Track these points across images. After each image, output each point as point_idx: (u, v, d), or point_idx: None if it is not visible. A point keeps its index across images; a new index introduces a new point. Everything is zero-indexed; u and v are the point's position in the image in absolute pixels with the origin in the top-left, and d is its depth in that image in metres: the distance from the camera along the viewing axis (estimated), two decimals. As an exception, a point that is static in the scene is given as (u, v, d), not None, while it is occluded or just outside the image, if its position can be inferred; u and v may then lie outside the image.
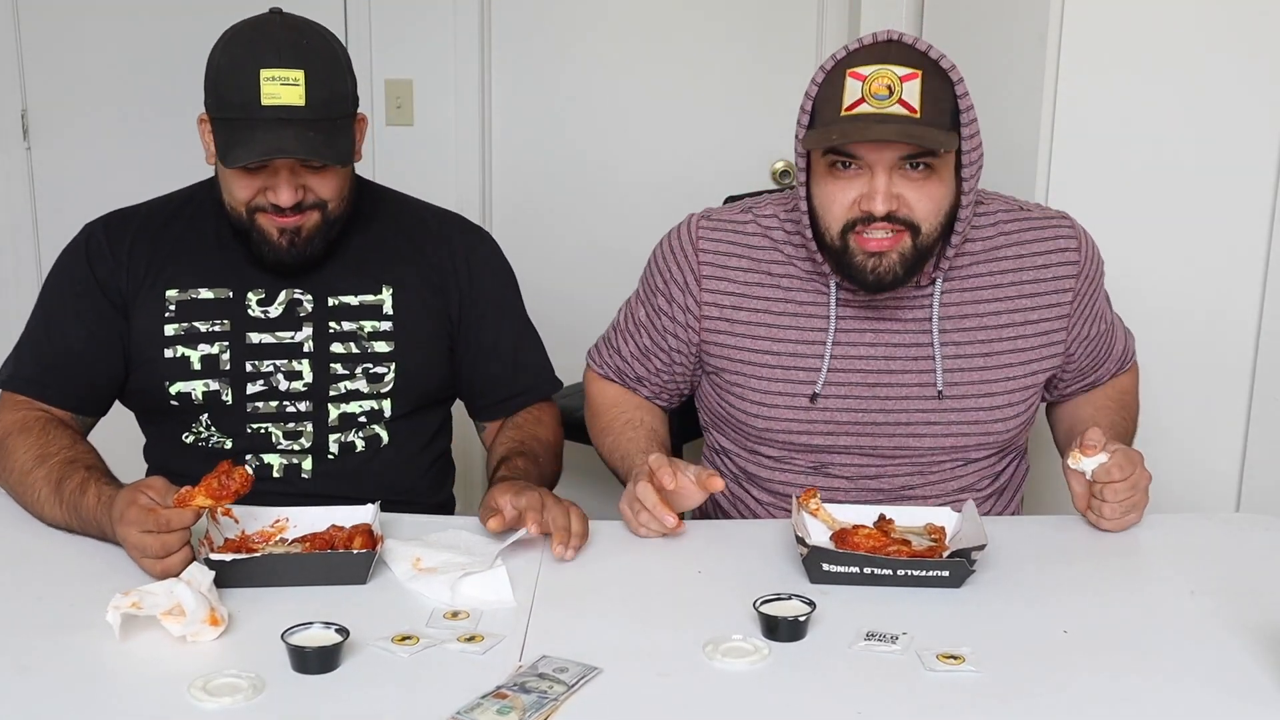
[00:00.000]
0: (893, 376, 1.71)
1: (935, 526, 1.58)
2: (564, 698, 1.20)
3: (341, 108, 1.66)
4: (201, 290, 1.74)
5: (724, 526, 1.80)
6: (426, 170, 3.34)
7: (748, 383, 1.74)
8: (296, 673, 1.25)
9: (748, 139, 3.36)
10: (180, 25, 3.26)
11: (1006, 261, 1.73)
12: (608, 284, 3.38)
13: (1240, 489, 2.48)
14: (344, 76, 1.68)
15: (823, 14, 3.28)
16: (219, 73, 1.63)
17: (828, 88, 1.55)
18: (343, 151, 1.65)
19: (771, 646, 1.32)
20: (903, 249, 1.58)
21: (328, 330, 1.76)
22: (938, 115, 1.53)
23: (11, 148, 3.32)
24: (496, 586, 1.44)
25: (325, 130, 1.62)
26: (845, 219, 1.58)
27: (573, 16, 3.35)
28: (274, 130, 1.59)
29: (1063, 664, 1.29)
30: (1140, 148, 2.37)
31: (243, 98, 1.59)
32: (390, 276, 1.79)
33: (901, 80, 1.51)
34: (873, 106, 1.51)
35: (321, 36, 1.68)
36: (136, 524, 1.41)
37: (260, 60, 1.60)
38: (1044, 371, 1.76)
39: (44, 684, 1.23)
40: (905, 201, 1.56)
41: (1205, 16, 2.31)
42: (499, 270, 1.89)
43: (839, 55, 1.57)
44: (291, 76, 1.59)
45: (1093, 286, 1.78)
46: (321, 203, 1.68)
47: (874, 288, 1.62)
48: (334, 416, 1.77)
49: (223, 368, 1.73)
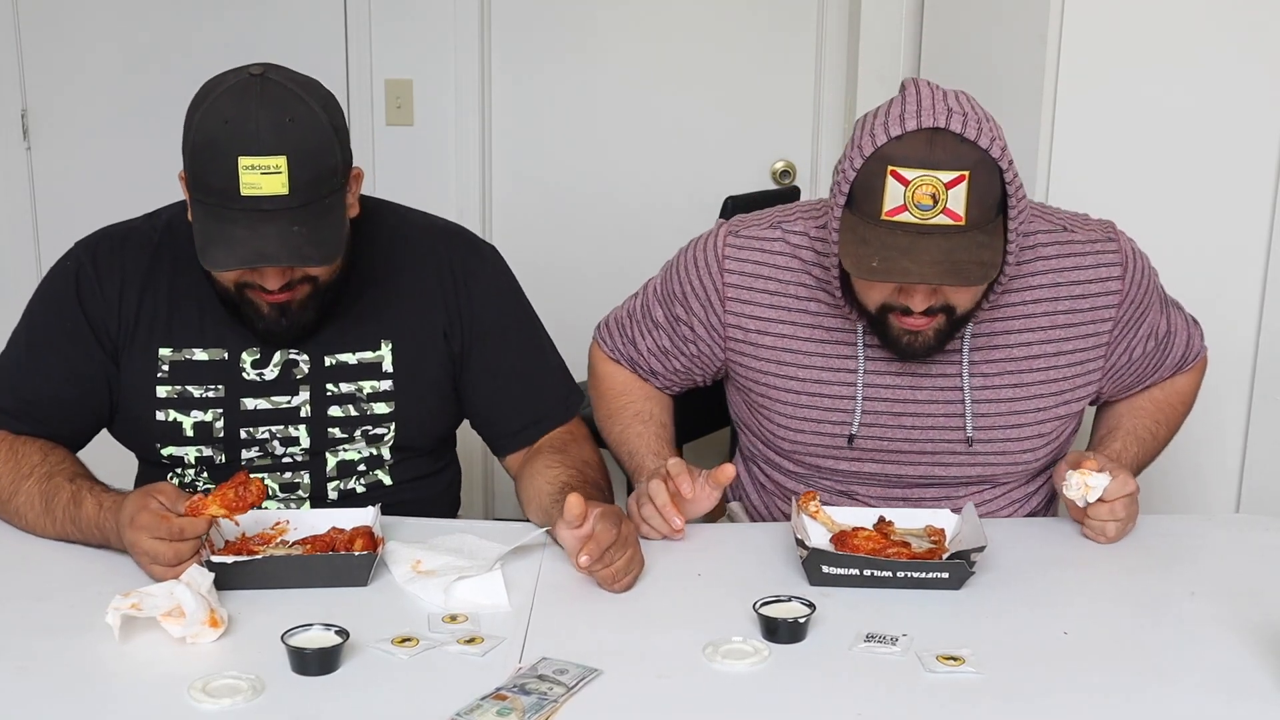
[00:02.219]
0: (919, 407, 1.67)
1: (935, 528, 1.58)
2: (564, 699, 1.20)
3: (330, 184, 1.52)
4: (196, 351, 1.65)
5: (724, 529, 1.80)
6: (426, 170, 3.34)
7: (775, 406, 1.72)
8: (296, 674, 1.25)
9: (748, 139, 3.36)
10: (180, 25, 3.27)
11: (1042, 290, 1.66)
12: (608, 283, 3.37)
13: (1240, 489, 2.48)
14: (333, 151, 1.52)
15: (823, 14, 3.28)
16: (195, 151, 1.50)
17: (866, 174, 1.47)
18: (331, 244, 1.53)
19: (771, 648, 1.32)
20: (939, 326, 1.56)
21: (325, 394, 1.68)
22: (983, 216, 1.46)
23: (11, 148, 3.31)
24: (491, 590, 1.44)
25: (311, 218, 1.50)
26: (881, 303, 1.55)
27: (573, 16, 3.35)
28: (254, 227, 1.47)
29: (1063, 665, 1.29)
30: (1140, 147, 2.37)
31: (221, 185, 1.47)
32: (389, 328, 1.70)
33: (947, 187, 1.43)
34: (915, 216, 1.44)
35: (308, 107, 1.51)
36: (148, 530, 1.40)
37: (238, 146, 1.46)
38: (1078, 401, 1.71)
39: (44, 685, 1.24)
40: (942, 294, 1.52)
41: (1205, 16, 2.31)
42: (501, 290, 1.77)
43: (878, 137, 1.46)
44: (273, 164, 1.46)
45: (1138, 309, 1.70)
46: (312, 277, 1.58)
47: (907, 358, 1.62)
48: (331, 465, 1.71)
49: (216, 435, 1.66)
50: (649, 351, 1.81)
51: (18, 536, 1.59)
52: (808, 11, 3.29)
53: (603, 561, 1.43)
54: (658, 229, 1.96)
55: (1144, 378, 1.78)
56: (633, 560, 1.47)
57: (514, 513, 3.17)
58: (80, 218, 1.81)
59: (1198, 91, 2.33)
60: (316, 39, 3.23)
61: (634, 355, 1.83)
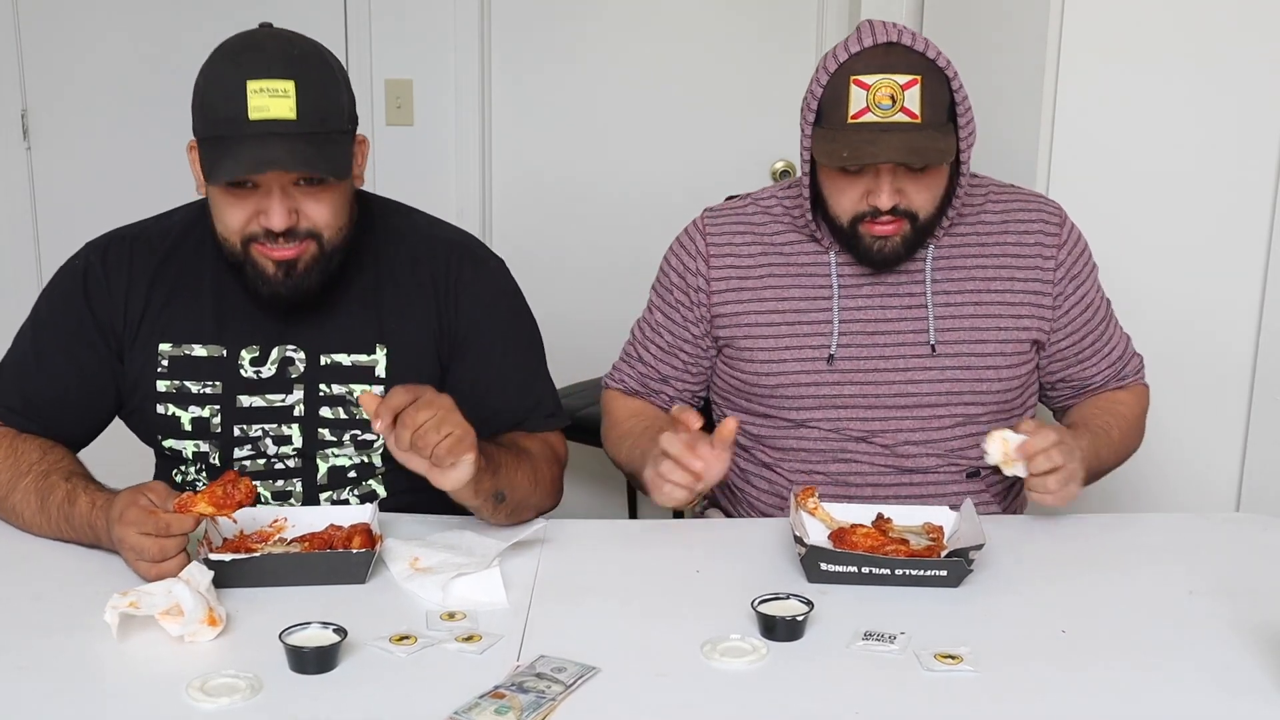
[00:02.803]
0: (890, 325, 1.78)
1: (933, 526, 1.58)
2: (562, 697, 1.20)
3: (337, 121, 1.55)
4: (195, 347, 1.67)
5: (722, 526, 1.81)
6: (426, 170, 3.34)
7: (757, 344, 1.80)
8: (294, 673, 1.25)
9: (748, 139, 3.36)
10: (180, 25, 3.27)
11: (993, 227, 1.82)
12: (608, 282, 3.39)
13: (1240, 489, 2.48)
14: (339, 89, 1.57)
15: (823, 14, 3.28)
16: (205, 90, 1.53)
17: (831, 91, 1.66)
18: (338, 164, 1.54)
19: (769, 646, 1.32)
20: (904, 233, 1.71)
21: (318, 394, 1.68)
22: (936, 117, 1.65)
23: (11, 148, 3.32)
24: (489, 587, 1.43)
25: (318, 142, 1.52)
26: (854, 212, 1.71)
27: (573, 16, 3.35)
28: (262, 144, 1.49)
29: (1061, 664, 1.29)
30: (1140, 147, 2.37)
31: (229, 112, 1.49)
32: (385, 333, 1.69)
33: (903, 88, 1.62)
34: (877, 116, 1.62)
35: (315, 47, 1.58)
36: (135, 525, 1.41)
37: (247, 72, 1.49)
38: (1033, 330, 1.79)
39: (42, 684, 1.23)
40: (906, 194, 1.68)
41: (1205, 16, 2.31)
42: (491, 302, 1.75)
43: (840, 56, 1.66)
44: (280, 87, 1.49)
45: (1077, 266, 1.83)
46: (316, 233, 1.57)
47: (879, 266, 1.75)
48: (322, 472, 1.71)
49: (213, 431, 1.67)
50: (655, 358, 1.89)
51: (16, 536, 1.59)
52: (808, 11, 3.30)
53: (402, 423, 1.41)
54: (657, 229, 1.95)
55: (1086, 357, 1.86)
56: (443, 422, 1.42)
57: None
58: (80, 218, 1.82)
59: (1198, 91, 2.33)
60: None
61: (642, 371, 1.91)
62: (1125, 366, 1.90)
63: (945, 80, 1.66)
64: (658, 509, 3.39)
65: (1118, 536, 1.70)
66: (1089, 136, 2.37)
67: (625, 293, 1.92)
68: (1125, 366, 1.90)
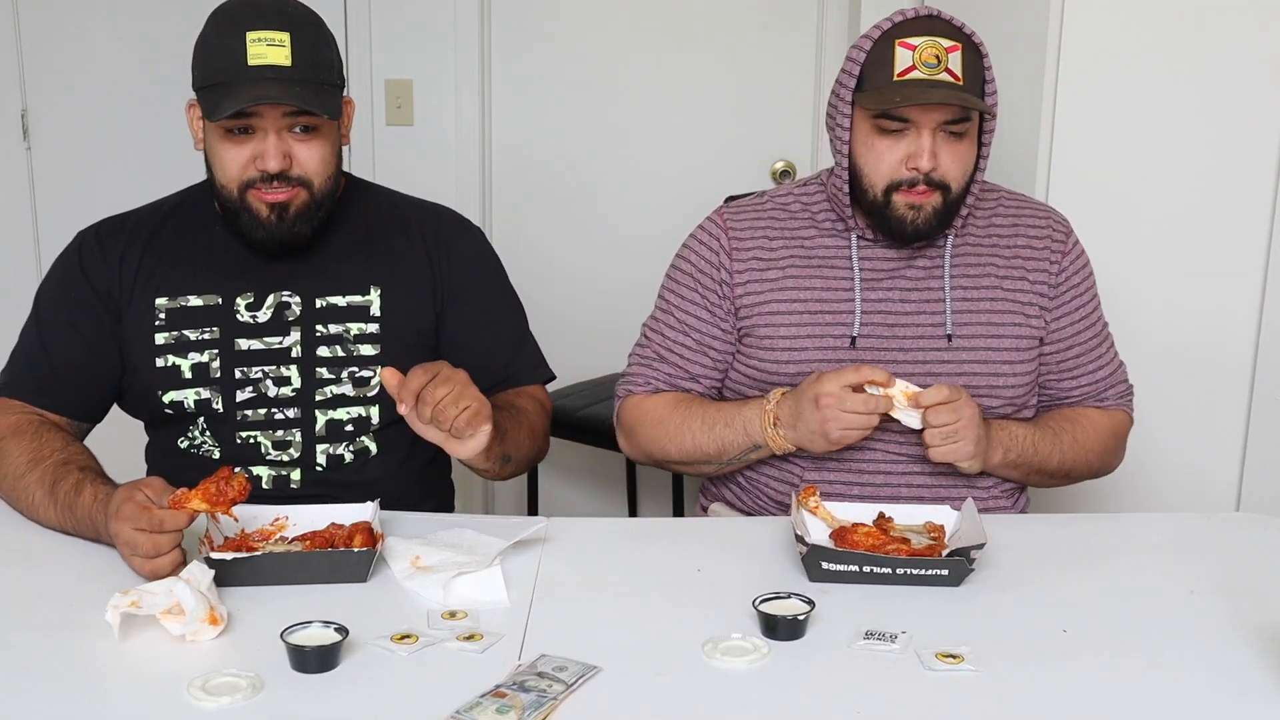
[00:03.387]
0: (909, 316, 1.79)
1: (934, 525, 1.58)
2: (563, 696, 1.20)
3: (329, 75, 1.68)
4: (190, 298, 1.74)
5: (723, 525, 1.80)
6: (426, 170, 3.34)
7: (777, 332, 1.80)
8: (296, 672, 1.25)
9: (748, 139, 3.36)
10: (180, 25, 3.26)
11: (1004, 230, 1.85)
12: (609, 282, 3.39)
13: (1240, 489, 2.48)
14: (330, 48, 1.70)
15: (823, 15, 3.28)
16: (204, 45, 1.66)
17: (876, 55, 1.70)
18: (330, 106, 1.65)
19: (771, 645, 1.32)
20: (935, 203, 1.72)
21: (315, 334, 1.75)
22: (973, 84, 1.70)
23: (11, 148, 3.32)
24: (490, 586, 1.44)
25: (312, 87, 1.63)
26: (891, 178, 1.72)
27: (572, 16, 3.35)
28: (260, 85, 1.60)
29: (1062, 663, 1.29)
30: (1140, 148, 2.37)
31: (229, 60, 1.61)
32: (378, 275, 1.79)
33: (947, 51, 1.67)
34: (924, 73, 1.66)
35: (308, 9, 1.70)
36: (130, 520, 1.41)
37: (246, 24, 1.61)
38: (1039, 330, 1.82)
39: (43, 683, 1.23)
40: (941, 162, 1.71)
41: (1205, 18, 2.31)
42: (480, 260, 1.88)
43: (883, 26, 1.71)
44: (277, 38, 1.61)
45: (1076, 279, 1.85)
46: (307, 180, 1.67)
47: (910, 238, 1.75)
48: (320, 425, 1.76)
49: (213, 375, 1.73)
50: (684, 358, 1.86)
51: (17, 535, 1.59)
52: (808, 11, 3.30)
53: (423, 400, 1.49)
54: (657, 229, 1.96)
55: (1065, 371, 1.86)
56: (460, 396, 1.51)
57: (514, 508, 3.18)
58: (80, 218, 1.84)
59: (1198, 91, 2.33)
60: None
61: (670, 372, 1.87)
62: (1107, 390, 1.89)
63: (980, 57, 1.71)
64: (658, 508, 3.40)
65: (1118, 536, 1.71)
66: (1089, 137, 2.37)
67: (626, 292, 1.92)
68: (1107, 390, 1.89)
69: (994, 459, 1.74)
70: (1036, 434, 1.79)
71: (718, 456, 1.79)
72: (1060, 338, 1.84)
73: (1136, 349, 1.96)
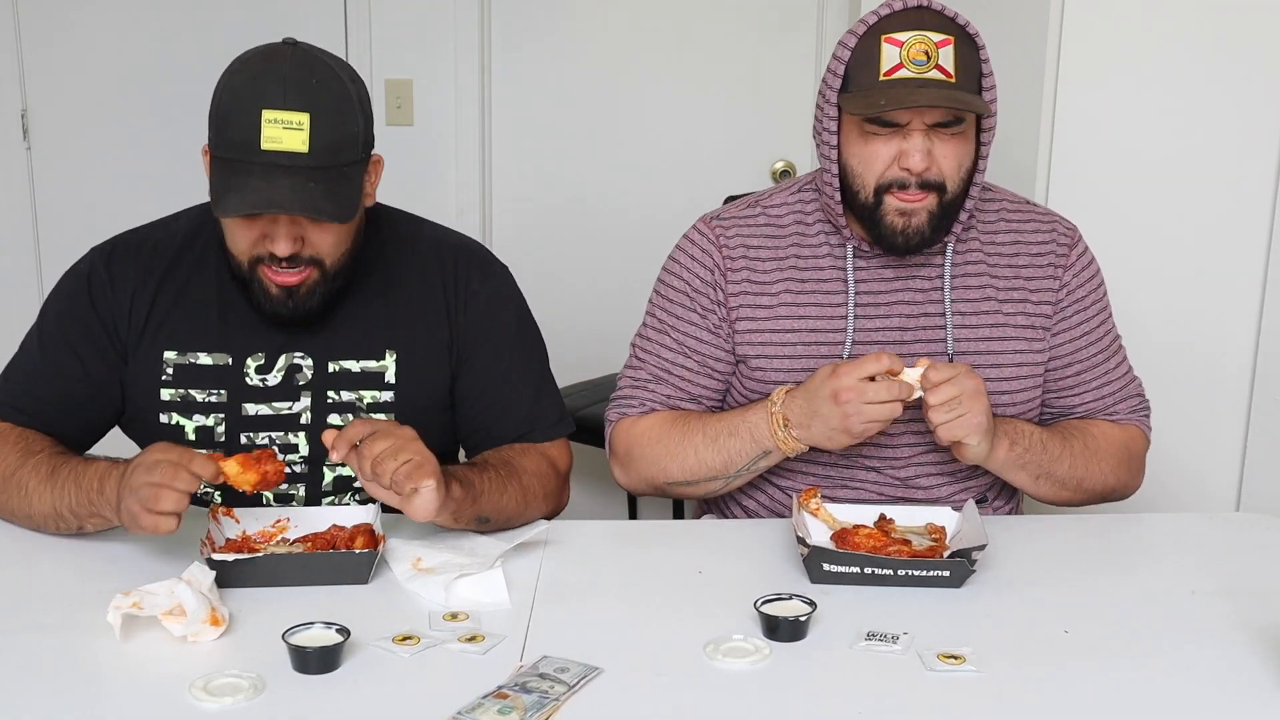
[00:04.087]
0: (907, 335, 1.72)
1: (936, 526, 1.58)
2: (565, 698, 1.20)
3: (350, 154, 1.54)
4: (200, 355, 1.66)
5: (724, 526, 1.80)
6: (426, 170, 3.34)
7: (770, 364, 1.72)
8: (297, 673, 1.25)
9: (748, 139, 3.36)
10: (181, 25, 3.27)
11: (1005, 244, 1.76)
12: (609, 282, 3.39)
13: (1240, 489, 2.48)
14: (355, 119, 1.55)
15: (823, 15, 3.28)
16: (222, 107, 1.52)
17: (861, 52, 1.60)
18: (345, 206, 1.53)
19: (772, 646, 1.32)
20: (930, 207, 1.63)
21: (326, 401, 1.67)
22: (968, 80, 1.59)
23: (11, 148, 3.32)
24: (491, 588, 1.44)
25: (328, 180, 1.51)
26: (881, 178, 1.62)
27: (573, 16, 3.35)
28: (270, 179, 1.48)
29: (1063, 664, 1.29)
30: (1140, 148, 2.37)
31: (243, 137, 1.49)
32: (395, 337, 1.69)
33: (937, 46, 1.56)
34: (912, 71, 1.56)
35: (335, 74, 1.55)
36: (151, 469, 1.39)
37: (263, 99, 1.49)
38: (1044, 352, 1.75)
39: (44, 684, 1.23)
40: (935, 161, 1.61)
41: (1205, 18, 2.31)
42: (498, 308, 1.75)
43: (869, 20, 1.60)
44: (295, 120, 1.48)
45: (1082, 291, 1.77)
46: (319, 259, 1.58)
47: (902, 249, 1.66)
48: (328, 480, 1.70)
49: (217, 440, 1.66)
50: (684, 380, 1.77)
51: (19, 535, 1.59)
52: (808, 11, 3.30)
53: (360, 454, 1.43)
54: (657, 228, 1.96)
55: (1068, 389, 1.78)
56: (401, 450, 1.43)
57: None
58: (80, 218, 1.83)
59: (1198, 91, 2.33)
60: (316, 39, 3.22)
61: (668, 394, 1.77)
62: (1117, 405, 1.80)
63: (975, 49, 1.61)
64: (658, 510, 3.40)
65: (1119, 536, 1.71)
66: (1089, 137, 2.37)
67: (626, 292, 1.91)
68: (1117, 405, 1.80)
69: (1001, 450, 1.64)
70: (1045, 434, 1.71)
71: (724, 470, 1.69)
72: (1060, 354, 1.76)
73: (1136, 349, 1.96)
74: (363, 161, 1.58)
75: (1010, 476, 1.71)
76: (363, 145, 1.57)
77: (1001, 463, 1.67)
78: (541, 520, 1.66)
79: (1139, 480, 1.83)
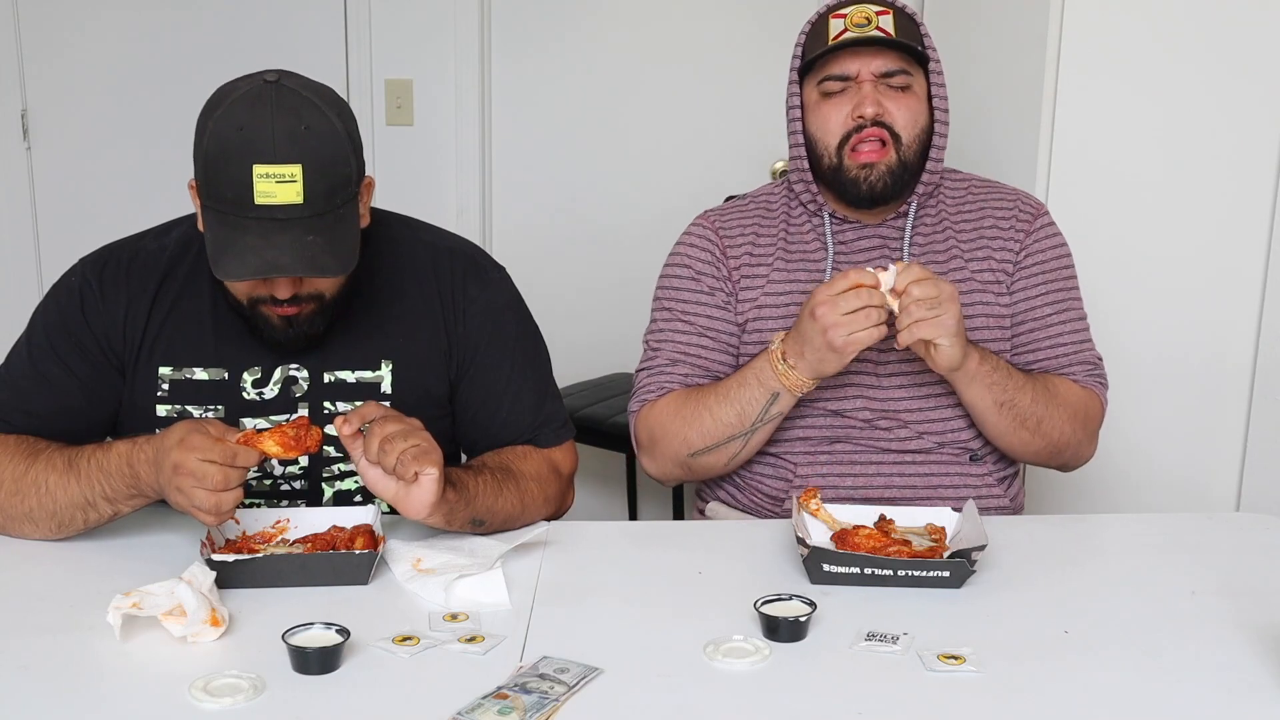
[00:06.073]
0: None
1: (936, 527, 1.58)
2: (565, 698, 1.20)
3: (344, 194, 1.50)
4: (196, 370, 1.65)
5: (724, 527, 1.80)
6: (426, 170, 3.34)
7: (770, 314, 1.82)
8: (297, 673, 1.25)
9: (748, 139, 3.36)
10: (181, 25, 3.27)
11: (970, 212, 1.88)
12: (609, 281, 3.39)
13: (1240, 489, 2.49)
14: (348, 160, 1.50)
15: (823, 14, 3.28)
16: (209, 157, 1.46)
17: (813, 33, 1.80)
18: (345, 255, 1.50)
19: (772, 647, 1.32)
20: (889, 161, 1.76)
21: (322, 412, 1.66)
22: (909, 39, 1.77)
23: (11, 148, 3.32)
24: (491, 588, 1.44)
25: (325, 227, 1.47)
26: (840, 133, 1.77)
27: (572, 16, 3.35)
28: (267, 236, 1.44)
29: (1064, 664, 1.29)
30: (1140, 148, 2.37)
31: (234, 194, 1.44)
32: (390, 347, 1.68)
33: (877, 14, 1.76)
34: (856, 33, 1.75)
35: (322, 114, 1.48)
36: (199, 451, 1.37)
37: (253, 154, 1.43)
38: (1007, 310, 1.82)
39: (44, 684, 1.23)
40: (888, 110, 1.76)
41: (1205, 19, 2.31)
42: (497, 314, 1.74)
43: (820, 10, 1.80)
44: (288, 173, 1.43)
45: (1042, 255, 1.85)
46: (318, 294, 1.57)
47: (867, 199, 1.78)
48: (328, 496, 1.69)
49: None
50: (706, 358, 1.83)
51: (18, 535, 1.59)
52: (807, 12, 3.29)
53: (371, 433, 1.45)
54: (657, 228, 1.96)
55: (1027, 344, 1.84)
56: (410, 434, 1.45)
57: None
58: (80, 218, 1.82)
59: (1198, 92, 2.34)
60: (316, 39, 3.24)
61: (688, 371, 1.83)
62: (1072, 365, 1.83)
63: (915, 24, 1.78)
64: (658, 510, 3.40)
65: (1119, 537, 1.71)
66: (1089, 137, 2.37)
67: (626, 291, 1.92)
68: (1072, 365, 1.83)
69: (972, 362, 1.68)
70: (1010, 366, 1.76)
71: (740, 425, 1.74)
72: (1017, 310, 1.83)
73: (1136, 349, 1.97)
74: (356, 198, 1.54)
75: (978, 396, 1.74)
76: (356, 180, 1.53)
77: (972, 375, 1.71)
78: (541, 521, 1.66)
79: (1093, 447, 1.87)
